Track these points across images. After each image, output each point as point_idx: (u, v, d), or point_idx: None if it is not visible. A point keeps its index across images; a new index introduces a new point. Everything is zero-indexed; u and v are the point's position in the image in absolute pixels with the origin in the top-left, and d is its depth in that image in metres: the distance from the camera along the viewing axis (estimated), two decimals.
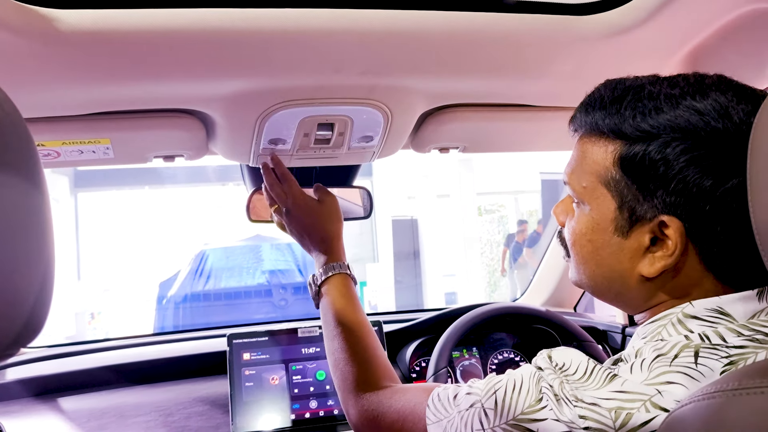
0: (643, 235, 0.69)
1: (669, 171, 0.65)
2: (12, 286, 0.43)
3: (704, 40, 0.99)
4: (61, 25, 0.79)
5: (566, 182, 0.78)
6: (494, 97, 1.14)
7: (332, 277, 1.07)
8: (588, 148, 0.73)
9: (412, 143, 1.26)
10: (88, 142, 1.05)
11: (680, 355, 0.62)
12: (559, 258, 1.87)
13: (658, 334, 0.69)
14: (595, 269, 0.74)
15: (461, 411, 0.73)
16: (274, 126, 1.07)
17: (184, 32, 0.84)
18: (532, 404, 0.66)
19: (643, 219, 0.68)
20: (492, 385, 0.72)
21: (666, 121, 0.66)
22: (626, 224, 0.70)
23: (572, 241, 0.77)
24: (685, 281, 0.69)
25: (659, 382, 0.61)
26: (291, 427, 1.34)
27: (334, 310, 1.04)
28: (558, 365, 0.68)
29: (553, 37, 0.96)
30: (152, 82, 0.94)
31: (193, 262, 6.67)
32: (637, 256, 0.70)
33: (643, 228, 0.69)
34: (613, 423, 0.60)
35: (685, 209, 0.65)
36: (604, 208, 0.71)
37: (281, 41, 0.88)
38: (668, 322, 0.69)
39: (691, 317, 0.67)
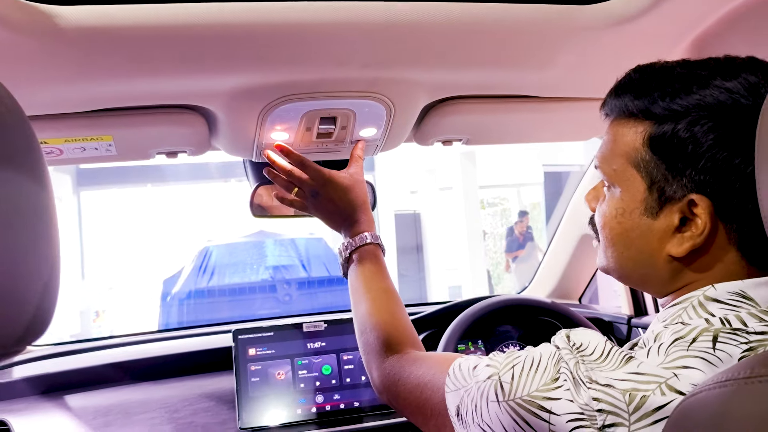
0: (672, 215, 0.69)
1: (697, 149, 0.65)
2: (17, 283, 0.43)
3: (709, 28, 0.98)
4: (62, 21, 0.79)
5: (597, 167, 0.78)
6: (497, 89, 1.13)
7: (363, 246, 1.07)
8: (618, 131, 0.74)
9: (414, 136, 1.26)
10: (90, 139, 1.05)
11: (698, 339, 0.62)
12: (564, 249, 1.87)
13: (678, 317, 0.68)
14: (623, 251, 0.74)
15: (479, 382, 0.72)
16: (277, 120, 1.06)
17: (185, 27, 0.84)
18: (547, 383, 0.66)
19: (672, 199, 0.68)
20: (511, 360, 0.72)
21: (695, 100, 0.66)
22: (655, 205, 0.70)
23: (602, 224, 0.77)
24: (713, 261, 0.69)
25: (676, 366, 0.60)
26: (297, 422, 1.34)
27: (363, 277, 1.04)
28: (575, 345, 0.68)
29: (557, 28, 0.95)
30: (154, 78, 0.93)
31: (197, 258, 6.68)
32: (666, 237, 0.70)
33: (672, 208, 0.69)
34: (627, 406, 0.60)
35: (714, 187, 0.66)
36: (634, 189, 0.72)
37: (282, 35, 0.88)
38: (689, 305, 0.68)
39: (713, 300, 0.67)
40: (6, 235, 0.42)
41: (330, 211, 1.12)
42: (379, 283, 1.04)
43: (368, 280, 1.04)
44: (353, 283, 1.06)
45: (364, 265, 1.06)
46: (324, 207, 1.12)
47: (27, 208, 0.44)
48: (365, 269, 1.05)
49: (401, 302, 1.04)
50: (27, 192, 0.45)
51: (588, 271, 1.89)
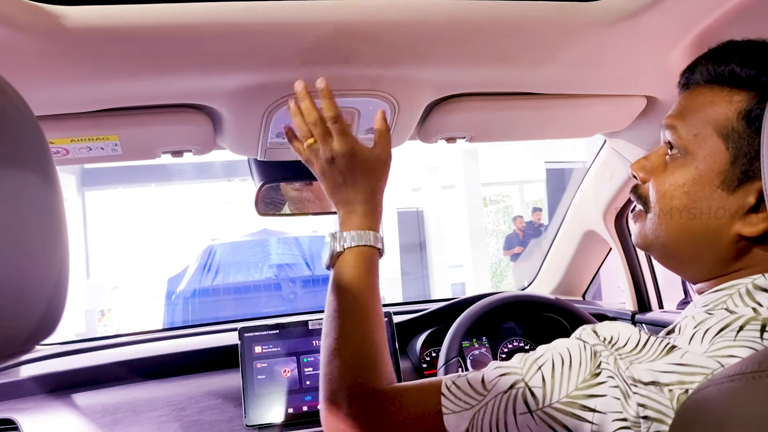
0: (750, 194, 0.66)
1: None
2: (28, 283, 0.43)
3: (711, 24, 0.98)
4: (68, 22, 0.79)
5: (669, 128, 0.74)
6: (501, 86, 1.14)
7: (364, 247, 0.89)
8: (708, 98, 0.70)
9: (418, 134, 1.26)
10: (96, 139, 1.05)
11: (746, 327, 0.60)
12: (568, 246, 1.87)
13: (723, 303, 0.66)
14: (685, 223, 0.71)
15: (498, 394, 0.66)
16: (281, 119, 1.07)
17: (189, 27, 0.84)
18: (587, 378, 0.61)
19: (755, 178, 0.66)
20: (532, 362, 0.66)
21: None
22: (735, 179, 0.67)
23: (662, 193, 0.73)
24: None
25: (722, 355, 0.58)
26: (303, 419, 1.35)
27: (354, 285, 0.86)
28: (606, 339, 0.65)
29: (560, 24, 0.95)
30: (159, 78, 0.94)
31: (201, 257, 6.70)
32: (738, 215, 0.67)
33: (752, 186, 0.66)
34: (671, 404, 0.57)
35: None
36: (714, 159, 0.68)
37: (286, 34, 0.88)
38: (735, 292, 0.66)
39: (761, 290, 0.65)
40: (17, 235, 0.43)
41: (339, 184, 0.92)
42: (370, 297, 0.86)
43: (358, 291, 0.86)
44: (337, 289, 0.87)
45: (359, 269, 0.87)
46: (334, 178, 0.92)
47: (37, 209, 0.45)
48: (358, 275, 0.87)
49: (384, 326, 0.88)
50: (37, 192, 0.45)
51: (591, 268, 1.90)
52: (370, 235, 0.90)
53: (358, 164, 0.91)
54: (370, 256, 0.89)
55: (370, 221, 0.92)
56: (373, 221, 0.92)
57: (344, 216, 0.92)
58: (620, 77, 1.14)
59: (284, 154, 1.20)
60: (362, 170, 0.92)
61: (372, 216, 0.92)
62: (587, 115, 1.25)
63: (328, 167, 0.92)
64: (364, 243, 0.89)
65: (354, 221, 0.91)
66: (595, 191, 1.64)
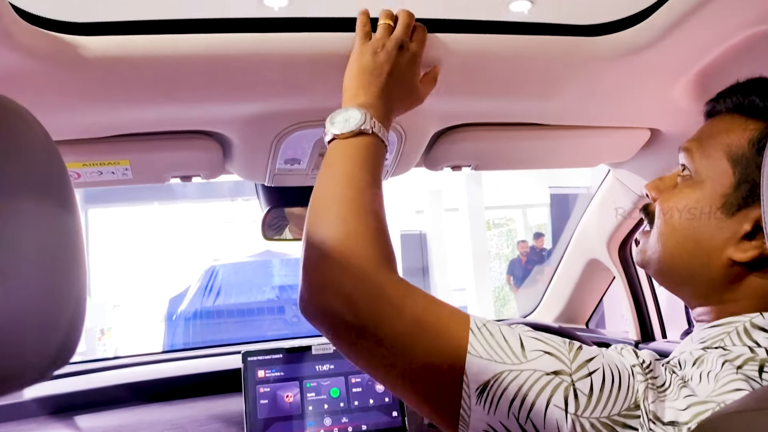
0: (747, 221, 0.67)
1: None
2: (48, 309, 0.44)
3: (714, 60, 1.00)
4: (87, 51, 0.81)
5: (685, 150, 0.75)
6: (506, 117, 1.15)
7: (381, 141, 0.80)
8: (726, 125, 0.72)
9: (424, 161, 1.27)
10: (108, 164, 1.07)
11: (745, 366, 0.61)
12: (571, 273, 1.88)
13: (720, 340, 0.66)
14: (682, 241, 0.72)
15: (538, 371, 0.61)
16: (290, 146, 1.08)
17: (202, 57, 0.86)
18: (630, 407, 0.60)
19: (754, 205, 0.67)
20: (584, 361, 0.62)
21: None
22: (735, 204, 0.68)
23: (665, 210, 0.74)
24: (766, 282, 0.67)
25: (728, 390, 0.58)
26: None
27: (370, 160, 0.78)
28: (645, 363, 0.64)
29: (566, 58, 0.97)
30: (172, 105, 0.96)
31: (203, 277, 6.69)
32: (732, 239, 0.68)
33: (750, 213, 0.67)
34: None
35: None
36: (721, 182, 0.70)
37: (297, 65, 0.90)
38: (733, 330, 0.66)
39: (759, 329, 0.65)
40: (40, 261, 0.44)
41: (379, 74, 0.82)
42: (378, 180, 0.79)
43: (377, 181, 0.78)
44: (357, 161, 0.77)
45: (378, 160, 0.79)
46: (384, 64, 0.83)
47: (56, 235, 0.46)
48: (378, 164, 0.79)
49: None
50: (57, 219, 0.47)
51: (595, 296, 1.90)
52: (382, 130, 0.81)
53: (408, 75, 0.85)
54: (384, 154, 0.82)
55: (388, 118, 0.83)
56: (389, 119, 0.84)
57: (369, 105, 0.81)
58: (624, 110, 1.15)
59: (292, 179, 1.22)
60: (405, 84, 0.85)
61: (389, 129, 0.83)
62: (591, 145, 1.27)
63: (388, 49, 0.83)
64: (386, 141, 0.81)
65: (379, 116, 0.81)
66: (599, 220, 1.65)
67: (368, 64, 0.83)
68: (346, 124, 0.79)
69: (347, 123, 0.79)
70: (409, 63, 0.85)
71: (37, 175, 0.46)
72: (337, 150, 0.79)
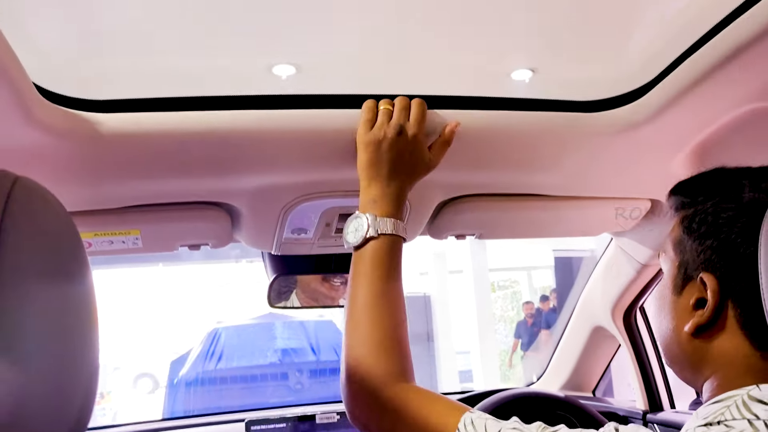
0: (692, 295, 0.71)
1: (711, 228, 0.70)
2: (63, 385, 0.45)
3: (711, 135, 1.03)
4: (103, 128, 0.85)
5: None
6: (508, 188, 1.18)
7: (391, 236, 0.89)
8: (673, 223, 0.78)
9: (429, 230, 1.29)
10: (119, 233, 1.09)
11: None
12: (576, 341, 1.86)
13: (721, 415, 0.67)
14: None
15: None
16: (297, 217, 1.11)
17: (214, 133, 0.90)
18: None
19: (692, 278, 0.71)
20: None
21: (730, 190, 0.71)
22: (681, 282, 0.73)
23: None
24: (724, 344, 0.69)
25: None
26: None
27: (388, 272, 0.88)
28: None
29: (565, 133, 1.00)
30: (183, 178, 0.99)
31: (206, 340, 6.62)
32: (685, 314, 0.72)
33: (692, 287, 0.71)
34: None
35: (722, 266, 0.68)
36: (670, 266, 0.76)
37: (303, 140, 0.94)
38: (732, 404, 0.67)
39: (757, 401, 0.66)
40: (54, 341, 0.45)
41: (386, 161, 0.91)
42: (398, 289, 0.89)
43: (392, 280, 0.88)
44: (365, 276, 0.88)
45: (392, 257, 0.88)
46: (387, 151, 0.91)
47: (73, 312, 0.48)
48: (391, 262, 0.88)
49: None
50: (72, 295, 0.48)
51: (601, 364, 1.88)
52: (402, 227, 0.91)
53: (414, 153, 0.92)
54: (400, 246, 0.91)
55: (401, 214, 0.92)
56: (402, 214, 0.92)
57: (378, 198, 0.91)
58: (624, 182, 1.18)
59: (298, 248, 1.24)
60: (413, 161, 0.93)
61: (402, 209, 0.93)
62: (593, 215, 1.29)
63: (390, 140, 0.90)
64: (399, 233, 0.90)
65: (389, 209, 0.90)
66: (603, 288, 1.65)
67: (372, 156, 0.91)
68: (356, 234, 0.89)
69: (357, 233, 0.89)
70: (412, 143, 0.92)
71: (54, 252, 0.48)
72: (356, 260, 0.90)
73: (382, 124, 0.92)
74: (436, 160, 0.96)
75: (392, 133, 0.90)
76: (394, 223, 0.89)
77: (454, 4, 0.91)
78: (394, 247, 0.89)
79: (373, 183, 0.91)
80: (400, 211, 0.92)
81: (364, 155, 0.92)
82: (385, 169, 0.91)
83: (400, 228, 0.90)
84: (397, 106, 0.93)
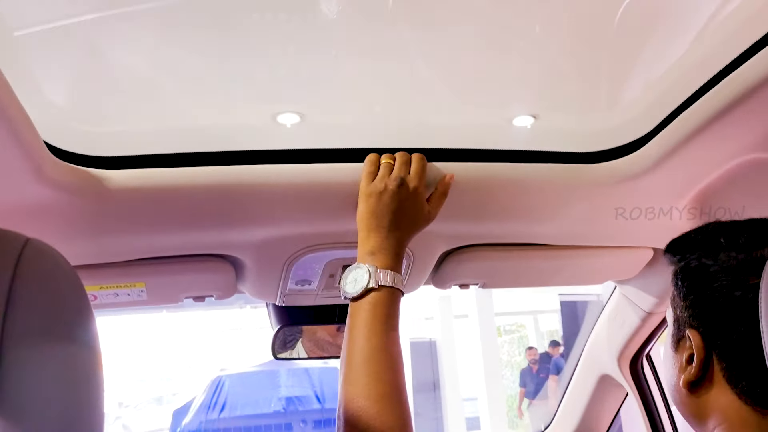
0: (684, 351, 0.72)
1: (696, 282, 0.71)
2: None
3: (709, 185, 1.04)
4: (111, 184, 0.86)
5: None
6: (511, 238, 1.18)
7: (390, 288, 0.89)
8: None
9: (432, 280, 1.30)
10: (124, 286, 1.10)
11: None
12: (583, 390, 1.84)
13: None
14: (663, 381, 0.79)
15: None
16: (300, 268, 1.12)
17: (219, 187, 0.91)
18: None
19: (686, 335, 0.72)
20: None
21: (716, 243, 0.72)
22: (676, 339, 0.75)
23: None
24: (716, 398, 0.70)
25: None
26: None
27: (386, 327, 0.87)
28: None
29: (566, 185, 1.02)
30: (188, 232, 1.00)
31: (209, 389, 6.56)
32: (681, 370, 0.73)
33: (684, 343, 0.73)
34: None
35: (705, 322, 0.70)
36: (670, 322, 0.77)
37: (306, 193, 0.96)
38: None
39: None
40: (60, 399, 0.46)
41: (386, 213, 0.92)
42: (397, 340, 0.88)
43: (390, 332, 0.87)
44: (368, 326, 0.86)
45: (393, 310, 0.88)
46: (387, 203, 0.92)
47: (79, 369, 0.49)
48: (392, 316, 0.88)
49: None
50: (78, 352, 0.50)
51: (609, 413, 1.85)
52: (399, 279, 0.91)
53: (415, 205, 0.93)
54: (398, 298, 0.90)
55: (401, 267, 0.93)
56: (400, 267, 0.93)
57: (377, 250, 0.91)
58: (626, 231, 1.19)
59: (302, 299, 1.24)
60: (413, 213, 0.94)
61: (401, 262, 0.93)
62: (596, 264, 1.29)
63: (391, 192, 0.92)
64: (398, 286, 0.90)
65: (388, 261, 0.91)
66: (608, 336, 1.64)
67: (373, 207, 0.92)
68: (355, 285, 0.88)
69: (356, 284, 0.88)
70: (412, 195, 0.93)
71: (61, 312, 0.49)
72: (353, 311, 0.88)
73: (383, 176, 0.93)
74: (435, 212, 0.97)
75: (393, 185, 0.92)
76: (393, 275, 0.89)
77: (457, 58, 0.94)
78: (392, 300, 0.89)
79: (372, 234, 0.92)
80: (399, 263, 0.92)
81: (365, 206, 0.93)
82: (385, 220, 0.92)
83: (399, 281, 0.90)
84: (398, 160, 0.95)
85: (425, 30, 0.90)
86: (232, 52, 0.89)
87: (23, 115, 0.70)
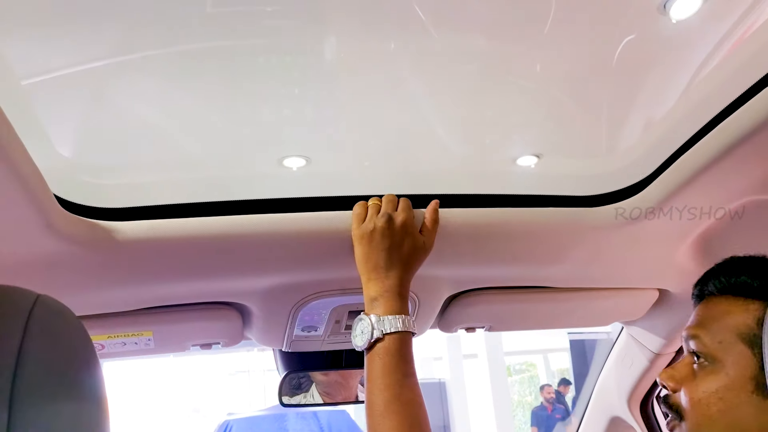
0: None
1: None
2: None
3: (713, 226, 1.04)
4: (120, 235, 0.88)
5: (693, 338, 0.78)
6: (516, 281, 1.19)
7: (397, 333, 0.88)
8: (724, 307, 0.76)
9: (438, 324, 1.30)
10: (131, 335, 1.10)
11: None
12: (598, 425, 1.81)
13: None
14: (724, 429, 0.72)
15: None
16: (306, 314, 1.12)
17: (227, 237, 0.93)
18: None
19: None
20: None
21: None
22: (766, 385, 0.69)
23: (696, 401, 0.74)
24: None
25: None
26: None
27: (392, 379, 0.87)
28: None
29: (569, 228, 1.02)
30: (195, 281, 1.01)
31: None
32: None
33: None
34: None
35: None
36: (744, 364, 0.71)
37: (312, 241, 0.97)
38: None
39: None
40: None
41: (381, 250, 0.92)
42: (414, 384, 0.88)
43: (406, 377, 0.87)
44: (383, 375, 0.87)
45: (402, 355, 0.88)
46: (380, 242, 0.92)
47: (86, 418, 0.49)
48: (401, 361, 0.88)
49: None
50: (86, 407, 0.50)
51: None
52: (408, 322, 0.90)
53: (407, 238, 0.93)
54: (408, 341, 0.90)
55: (405, 307, 0.92)
56: (406, 307, 0.92)
57: (379, 296, 0.91)
58: (630, 273, 1.19)
59: (309, 345, 1.24)
60: (407, 247, 0.93)
61: (406, 301, 0.92)
62: (602, 306, 1.29)
63: (381, 229, 0.92)
64: (407, 329, 0.89)
65: (391, 305, 0.90)
66: (618, 378, 1.62)
67: (367, 248, 0.93)
68: (363, 336, 0.89)
69: (363, 335, 0.89)
70: (401, 228, 0.93)
71: (69, 366, 0.50)
72: (368, 361, 0.89)
73: (371, 216, 0.94)
74: (430, 241, 0.96)
75: (381, 222, 0.92)
76: (398, 319, 0.89)
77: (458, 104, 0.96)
78: (402, 345, 0.88)
79: (372, 277, 0.92)
80: (405, 304, 0.91)
81: (360, 249, 0.93)
82: (381, 259, 0.92)
83: (406, 323, 0.89)
84: (384, 200, 0.96)
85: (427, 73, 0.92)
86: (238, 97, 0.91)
87: (35, 171, 0.72)
